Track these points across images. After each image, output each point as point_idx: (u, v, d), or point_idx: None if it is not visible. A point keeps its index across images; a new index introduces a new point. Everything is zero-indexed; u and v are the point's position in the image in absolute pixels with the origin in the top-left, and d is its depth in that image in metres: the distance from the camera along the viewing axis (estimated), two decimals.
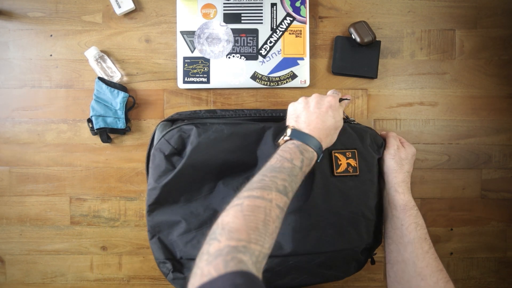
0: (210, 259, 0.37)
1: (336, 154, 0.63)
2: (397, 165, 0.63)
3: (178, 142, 0.61)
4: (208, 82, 0.76)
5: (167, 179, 0.60)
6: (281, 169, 0.48)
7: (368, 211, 0.64)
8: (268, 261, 0.57)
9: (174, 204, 0.61)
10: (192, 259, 0.61)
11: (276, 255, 0.59)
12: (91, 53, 0.74)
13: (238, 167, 0.62)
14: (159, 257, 0.62)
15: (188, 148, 0.60)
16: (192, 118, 0.65)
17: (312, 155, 0.53)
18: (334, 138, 0.58)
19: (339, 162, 0.62)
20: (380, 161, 0.66)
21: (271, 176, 0.47)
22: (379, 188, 0.66)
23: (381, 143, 0.67)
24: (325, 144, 0.56)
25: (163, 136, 0.62)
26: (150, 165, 0.62)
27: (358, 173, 0.63)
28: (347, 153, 0.63)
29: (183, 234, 0.61)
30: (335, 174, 0.62)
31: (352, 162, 0.63)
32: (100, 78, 0.74)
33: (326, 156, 0.63)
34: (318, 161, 0.56)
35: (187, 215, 0.61)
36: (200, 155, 0.60)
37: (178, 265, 0.61)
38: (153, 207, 0.61)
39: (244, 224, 0.40)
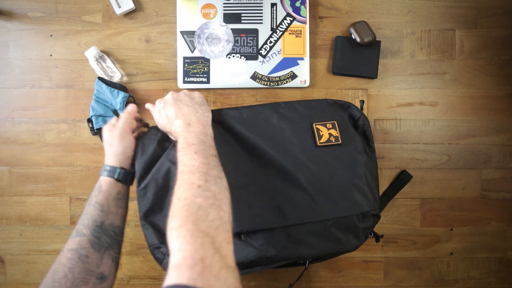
0: None
1: (317, 126, 0.64)
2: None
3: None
4: (208, 82, 0.76)
5: (157, 165, 0.60)
6: (81, 214, 0.56)
7: (358, 179, 0.64)
8: (268, 235, 0.58)
9: (165, 187, 0.61)
10: None
11: (275, 227, 0.59)
12: (91, 53, 0.74)
13: (226, 147, 0.62)
14: (153, 243, 0.60)
15: None
16: None
17: (98, 184, 0.57)
18: (116, 147, 0.59)
19: (321, 133, 0.64)
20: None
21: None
22: (367, 160, 0.67)
23: (357, 117, 0.69)
24: (114, 161, 0.59)
25: (153, 127, 0.63)
26: (139, 150, 0.62)
27: (340, 142, 0.64)
28: (327, 125, 0.65)
29: None
30: (319, 144, 0.63)
31: (334, 132, 0.64)
32: (100, 78, 0.74)
33: (308, 130, 0.64)
34: (116, 177, 0.57)
35: None
36: None
37: None
38: (144, 192, 0.61)
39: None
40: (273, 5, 0.76)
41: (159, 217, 0.61)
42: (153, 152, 0.61)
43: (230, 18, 0.76)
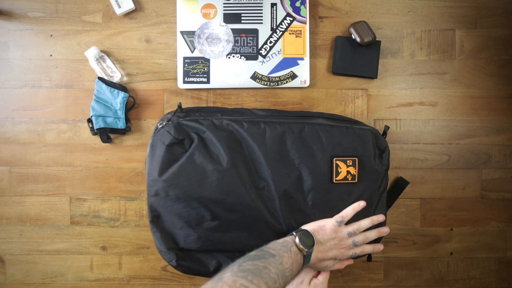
0: None
1: (338, 162, 0.64)
2: None
3: (179, 132, 0.63)
4: (208, 82, 0.76)
5: (168, 173, 0.60)
6: (285, 281, 0.52)
7: (366, 216, 0.66)
8: None
9: (176, 199, 0.61)
10: (193, 251, 0.63)
11: None
12: (91, 53, 0.74)
13: (241, 162, 0.62)
14: (161, 248, 0.62)
15: (194, 144, 0.62)
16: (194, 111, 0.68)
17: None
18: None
19: (339, 170, 0.64)
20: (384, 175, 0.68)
21: (279, 284, 0.50)
22: (379, 196, 0.68)
23: (384, 148, 0.68)
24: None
25: (162, 127, 0.63)
26: (148, 153, 0.62)
27: (356, 181, 0.64)
28: (348, 161, 0.64)
29: (182, 229, 0.62)
30: (334, 181, 0.63)
31: (352, 170, 0.64)
32: (100, 78, 0.74)
33: (328, 163, 0.64)
34: None
35: (188, 211, 0.61)
36: (203, 152, 0.62)
37: (181, 253, 0.62)
38: (155, 198, 0.62)
39: None
40: (273, 5, 0.76)
41: (168, 223, 0.62)
42: (162, 158, 0.61)
43: (230, 18, 0.76)
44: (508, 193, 0.79)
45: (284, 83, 0.77)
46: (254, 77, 0.76)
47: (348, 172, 0.64)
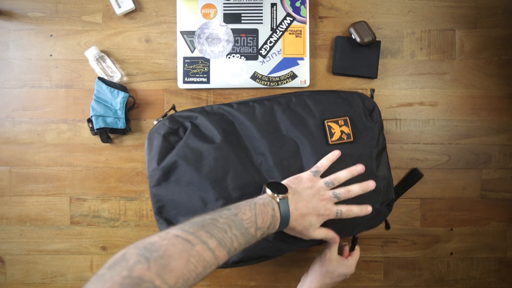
0: (126, 276, 0.34)
1: (329, 124, 0.64)
2: (319, 274, 0.62)
3: (173, 123, 0.64)
4: (208, 82, 0.76)
5: (166, 161, 0.61)
6: (246, 234, 0.47)
7: (370, 174, 0.64)
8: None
9: (177, 184, 0.62)
10: None
11: None
12: (91, 53, 0.74)
13: (236, 142, 0.64)
14: None
15: (188, 130, 0.63)
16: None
17: (272, 232, 0.52)
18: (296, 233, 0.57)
19: (333, 131, 0.64)
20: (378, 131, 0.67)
21: (232, 234, 0.45)
22: (379, 153, 0.67)
23: (372, 107, 0.68)
24: (289, 231, 0.56)
25: (158, 122, 0.64)
26: (147, 147, 0.63)
27: (352, 139, 0.64)
28: (339, 121, 0.65)
29: (187, 215, 0.62)
30: (330, 142, 0.63)
31: (346, 129, 0.64)
32: (100, 78, 0.74)
33: (320, 126, 0.64)
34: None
35: (190, 195, 0.62)
36: (197, 135, 0.63)
37: None
38: (157, 189, 0.62)
39: (180, 272, 0.38)
40: (273, 5, 0.76)
41: (172, 212, 0.62)
42: (160, 148, 0.62)
43: (230, 18, 0.76)
44: (508, 193, 0.79)
45: (284, 83, 0.77)
46: (254, 77, 0.76)
47: (342, 131, 0.64)
